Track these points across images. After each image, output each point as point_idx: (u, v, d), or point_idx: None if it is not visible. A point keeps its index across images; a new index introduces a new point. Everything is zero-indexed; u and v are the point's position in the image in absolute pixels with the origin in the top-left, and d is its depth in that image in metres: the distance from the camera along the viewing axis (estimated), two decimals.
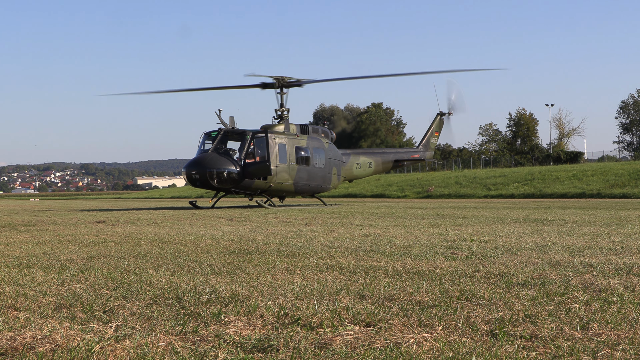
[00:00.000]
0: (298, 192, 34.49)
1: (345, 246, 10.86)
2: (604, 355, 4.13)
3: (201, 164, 31.42)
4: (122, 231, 15.32)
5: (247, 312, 5.37)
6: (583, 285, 6.55)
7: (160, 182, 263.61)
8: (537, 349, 4.28)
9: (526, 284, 6.69)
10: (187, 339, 4.61)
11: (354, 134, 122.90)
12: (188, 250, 10.63)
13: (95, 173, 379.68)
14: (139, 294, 6.30)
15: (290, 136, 33.37)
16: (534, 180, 64.97)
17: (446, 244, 11.08)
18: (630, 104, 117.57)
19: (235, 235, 13.67)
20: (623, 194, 51.66)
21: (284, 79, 33.26)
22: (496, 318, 5.07)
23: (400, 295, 6.02)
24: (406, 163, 42.64)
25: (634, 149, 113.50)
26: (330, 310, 5.35)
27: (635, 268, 7.70)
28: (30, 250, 10.77)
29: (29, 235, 14.22)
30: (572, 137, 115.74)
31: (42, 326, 4.88)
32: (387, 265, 8.22)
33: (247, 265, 8.42)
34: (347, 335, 4.58)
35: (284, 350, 4.29)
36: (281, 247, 10.92)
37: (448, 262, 8.49)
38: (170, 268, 8.24)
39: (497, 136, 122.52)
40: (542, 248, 10.14)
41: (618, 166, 65.92)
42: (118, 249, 10.98)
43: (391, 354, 4.16)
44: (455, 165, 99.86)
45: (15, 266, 8.64)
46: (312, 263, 8.58)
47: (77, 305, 5.75)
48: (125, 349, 4.29)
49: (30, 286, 6.83)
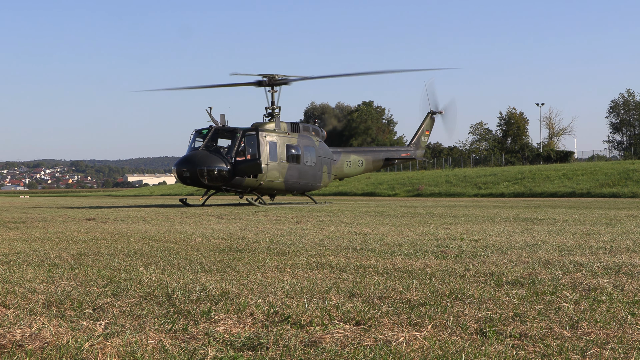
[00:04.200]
0: (288, 190, 34.48)
1: (335, 244, 10.86)
2: (593, 354, 4.14)
3: (192, 161, 31.36)
4: (112, 229, 15.29)
5: (237, 310, 5.36)
6: (572, 284, 6.56)
7: (151, 180, 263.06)
8: (527, 347, 4.29)
9: (516, 282, 6.70)
10: (177, 336, 4.60)
11: (344, 132, 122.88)
12: (178, 248, 10.62)
13: (85, 170, 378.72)
14: (128, 291, 6.29)
15: (281, 134, 33.34)
16: (524, 179, 65.11)
17: (436, 242, 11.09)
18: (620, 104, 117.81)
19: (226, 233, 13.65)
20: (613, 193, 51.85)
21: (274, 77, 33.22)
22: (486, 317, 5.08)
23: (390, 294, 6.03)
24: (397, 161, 42.75)
25: (623, 148, 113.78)
26: (320, 309, 5.35)
27: (624, 267, 7.72)
28: (19, 248, 10.73)
29: (18, 233, 14.18)
30: (562, 136, 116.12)
31: (31, 324, 4.86)
32: (377, 264, 8.22)
33: (237, 263, 8.41)
34: (336, 334, 4.58)
35: (273, 349, 4.29)
36: (271, 245, 10.91)
37: (438, 261, 8.50)
38: (160, 266, 8.23)
39: (488, 135, 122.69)
40: (532, 247, 10.16)
41: (608, 165, 66.14)
42: (108, 246, 10.95)
43: (381, 353, 4.16)
44: (446, 164, 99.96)
45: (4, 263, 8.61)
46: (302, 261, 8.58)
47: (67, 302, 5.74)
48: (115, 347, 4.28)
49: (20, 283, 6.81)
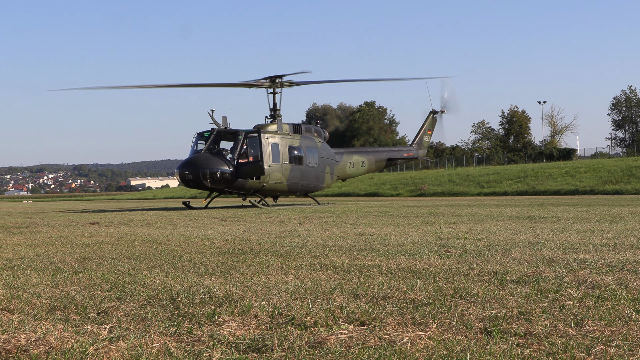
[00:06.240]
0: (291, 191, 34.47)
1: (339, 245, 10.85)
2: (598, 351, 4.13)
3: (194, 164, 31.37)
4: (116, 232, 15.30)
5: (241, 312, 5.36)
6: (577, 282, 6.56)
7: (154, 183, 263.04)
8: (531, 346, 4.29)
9: (520, 281, 6.69)
10: (182, 339, 4.60)
11: (346, 133, 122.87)
12: (182, 250, 10.62)
13: (88, 174, 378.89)
14: (132, 295, 6.29)
15: (283, 136, 33.34)
16: (527, 177, 65.07)
17: (440, 242, 11.09)
18: (623, 101, 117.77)
19: (229, 235, 13.65)
20: (616, 191, 51.81)
21: (277, 79, 33.22)
22: (490, 316, 5.07)
23: (394, 294, 6.02)
24: (399, 161, 42.70)
25: (626, 145, 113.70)
26: (325, 310, 5.35)
27: (628, 264, 7.72)
28: (23, 252, 10.74)
29: (22, 237, 14.19)
30: (564, 134, 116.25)
31: (35, 328, 4.87)
32: (381, 264, 8.22)
33: (241, 265, 8.41)
34: (341, 335, 4.58)
35: (278, 350, 4.29)
36: (275, 246, 10.91)
37: (442, 260, 8.49)
38: (164, 269, 8.23)
39: (490, 134, 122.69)
40: (536, 245, 10.15)
41: (611, 163, 66.10)
42: (112, 250, 10.96)
43: (385, 353, 4.16)
44: (449, 163, 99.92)
45: (8, 268, 8.62)
46: (306, 262, 8.58)
47: (71, 307, 5.74)
48: (120, 351, 4.28)
49: (24, 288, 6.82)
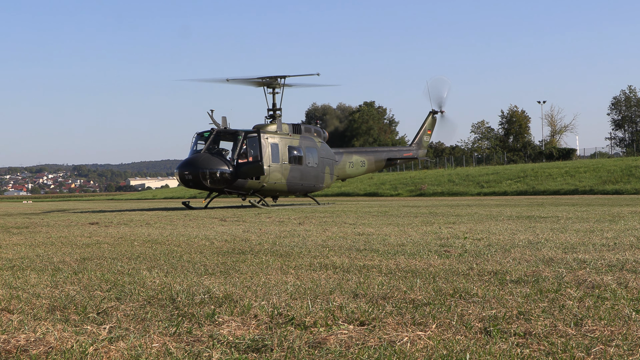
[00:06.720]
0: (291, 191, 34.48)
1: (338, 245, 10.85)
2: (598, 351, 4.13)
3: (194, 164, 31.37)
4: (116, 232, 15.30)
5: (241, 312, 5.36)
6: (576, 281, 6.56)
7: (153, 183, 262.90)
8: (531, 345, 4.29)
9: (519, 281, 6.70)
10: (181, 339, 4.60)
11: (346, 133, 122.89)
12: (181, 250, 10.62)
13: (87, 174, 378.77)
14: (132, 295, 6.29)
15: (282, 136, 33.34)
16: (527, 177, 65.09)
17: (439, 242, 11.09)
18: (622, 101, 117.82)
19: (229, 235, 13.66)
20: (615, 190, 51.82)
21: (277, 79, 33.24)
22: (490, 315, 5.08)
23: (394, 294, 6.02)
24: (399, 161, 42.70)
25: (626, 145, 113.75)
26: (324, 310, 5.35)
27: (628, 264, 7.72)
28: (23, 253, 10.74)
29: (21, 238, 14.19)
30: (564, 133, 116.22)
31: (35, 328, 4.87)
32: (381, 264, 8.22)
33: (240, 265, 8.41)
34: (341, 335, 4.58)
35: (278, 350, 4.29)
36: (275, 246, 10.91)
37: (441, 260, 8.49)
38: (163, 269, 8.23)
39: (490, 134, 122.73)
40: (536, 245, 10.15)
41: (610, 162, 66.12)
42: (111, 250, 10.96)
43: (385, 353, 4.16)
44: (448, 163, 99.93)
45: (8, 269, 8.62)
46: (305, 262, 8.58)
47: (71, 307, 5.74)
48: (119, 351, 4.28)
49: (24, 288, 6.82)
